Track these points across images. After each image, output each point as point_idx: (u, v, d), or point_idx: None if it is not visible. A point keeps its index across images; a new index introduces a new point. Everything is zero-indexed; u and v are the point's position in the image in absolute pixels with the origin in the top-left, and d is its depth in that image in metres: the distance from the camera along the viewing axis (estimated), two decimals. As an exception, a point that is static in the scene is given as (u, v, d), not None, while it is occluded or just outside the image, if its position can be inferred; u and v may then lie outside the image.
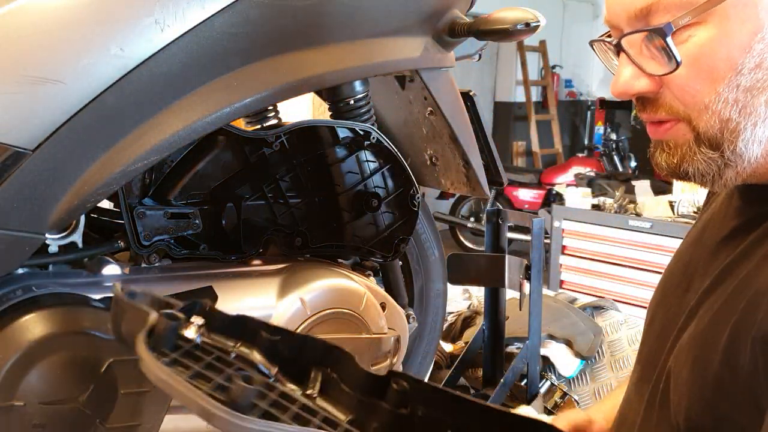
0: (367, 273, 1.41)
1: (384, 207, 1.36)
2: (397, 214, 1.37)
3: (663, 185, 4.90)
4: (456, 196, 6.16)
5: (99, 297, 1.06)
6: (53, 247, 1.11)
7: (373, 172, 1.35)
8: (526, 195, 6.25)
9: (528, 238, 1.86)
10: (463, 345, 2.13)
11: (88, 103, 0.98)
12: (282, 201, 1.29)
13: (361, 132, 1.28)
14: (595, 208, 4.62)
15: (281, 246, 1.29)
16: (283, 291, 1.20)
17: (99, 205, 1.12)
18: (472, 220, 6.25)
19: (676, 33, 0.63)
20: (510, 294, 1.99)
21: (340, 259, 1.41)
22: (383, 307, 1.32)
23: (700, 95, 0.64)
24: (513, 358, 1.92)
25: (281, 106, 1.38)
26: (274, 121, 1.42)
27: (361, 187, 1.34)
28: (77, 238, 1.12)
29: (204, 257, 1.22)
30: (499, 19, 1.23)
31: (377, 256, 1.38)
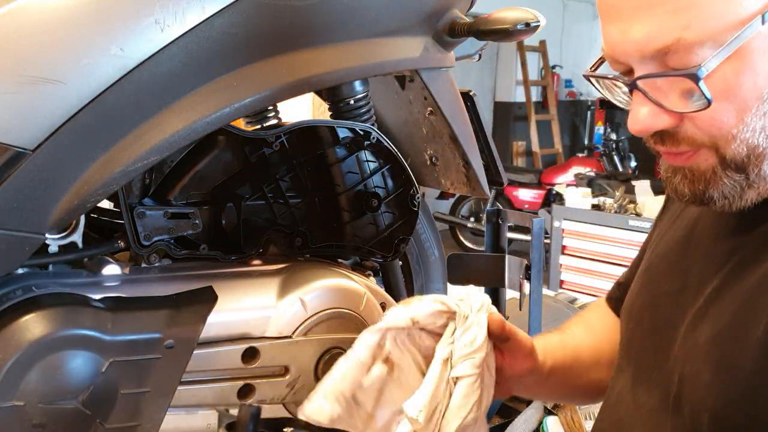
0: (367, 273, 1.40)
1: (384, 207, 1.36)
2: (397, 214, 1.37)
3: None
4: (456, 196, 6.16)
5: (99, 297, 1.06)
6: (53, 247, 1.11)
7: (373, 172, 1.35)
8: (526, 195, 6.25)
9: (528, 238, 1.86)
10: (463, 345, 2.12)
11: (88, 103, 0.98)
12: (282, 201, 1.29)
13: (361, 132, 1.28)
14: (595, 208, 4.63)
15: (281, 246, 1.29)
16: (283, 291, 1.20)
17: (99, 205, 1.12)
18: (472, 220, 6.25)
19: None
20: (510, 294, 1.99)
21: (340, 259, 1.41)
22: (383, 307, 1.31)
23: (726, 127, 0.63)
24: (513, 358, 1.92)
25: (281, 106, 1.39)
26: (274, 121, 1.42)
27: (361, 187, 1.34)
28: (77, 238, 1.12)
29: (204, 257, 1.22)
30: (499, 19, 1.23)
31: (377, 256, 1.38)
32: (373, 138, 1.29)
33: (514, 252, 1.96)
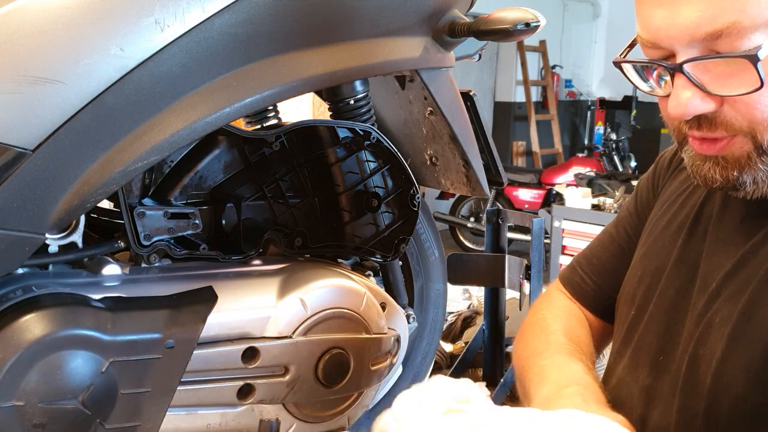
0: (367, 273, 1.41)
1: (384, 207, 1.36)
2: (397, 214, 1.37)
3: (663, 185, 4.89)
4: (456, 196, 6.16)
5: (99, 297, 1.06)
6: (53, 247, 1.11)
7: (373, 172, 1.35)
8: (526, 195, 6.25)
9: (528, 238, 1.86)
10: (463, 345, 2.13)
11: (88, 103, 0.98)
12: (282, 201, 1.29)
13: (361, 132, 1.28)
14: (595, 208, 4.62)
15: (281, 246, 1.29)
16: (283, 291, 1.20)
17: (99, 205, 1.12)
18: (472, 220, 6.25)
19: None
20: (510, 294, 1.99)
21: (340, 259, 1.41)
22: (383, 307, 1.32)
23: None
24: (513, 358, 1.92)
25: (281, 106, 1.39)
26: (274, 121, 1.42)
27: (361, 187, 1.34)
28: (77, 238, 1.12)
29: (204, 257, 1.22)
30: (499, 19, 1.23)
31: (377, 256, 1.38)
32: (373, 138, 1.29)
33: (514, 252, 1.97)
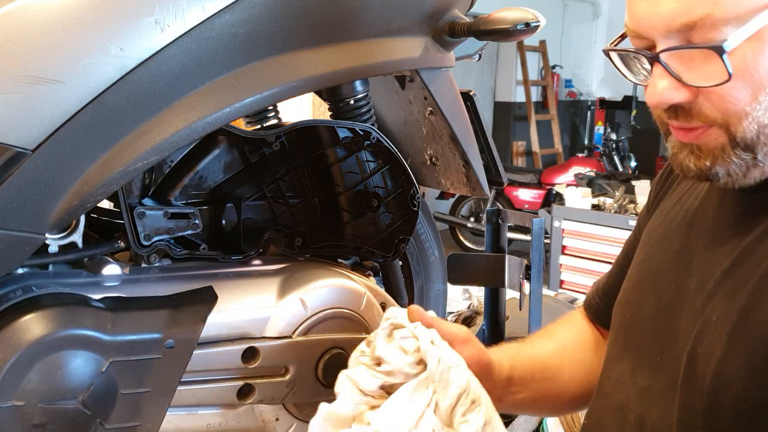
0: (367, 273, 1.40)
1: (384, 207, 1.36)
2: (397, 214, 1.37)
3: (663, 185, 4.89)
4: (456, 196, 6.17)
5: (99, 297, 1.06)
6: (53, 247, 1.11)
7: (373, 172, 1.35)
8: (526, 195, 6.25)
9: (528, 238, 1.86)
10: (463, 345, 2.13)
11: (88, 103, 0.98)
12: (282, 201, 1.29)
13: (361, 132, 1.28)
14: (595, 208, 4.63)
15: (281, 246, 1.29)
16: (283, 291, 1.20)
17: (99, 205, 1.12)
18: (472, 220, 6.26)
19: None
20: (510, 294, 1.99)
21: (340, 259, 1.41)
22: (383, 307, 1.31)
23: (741, 104, 0.66)
24: (513, 358, 1.92)
25: (281, 106, 1.39)
26: (274, 121, 1.42)
27: (361, 187, 1.34)
28: (77, 238, 1.12)
29: (204, 257, 1.22)
30: (499, 19, 1.23)
31: (377, 256, 1.38)
32: (373, 138, 1.29)
33: (514, 252, 1.96)
